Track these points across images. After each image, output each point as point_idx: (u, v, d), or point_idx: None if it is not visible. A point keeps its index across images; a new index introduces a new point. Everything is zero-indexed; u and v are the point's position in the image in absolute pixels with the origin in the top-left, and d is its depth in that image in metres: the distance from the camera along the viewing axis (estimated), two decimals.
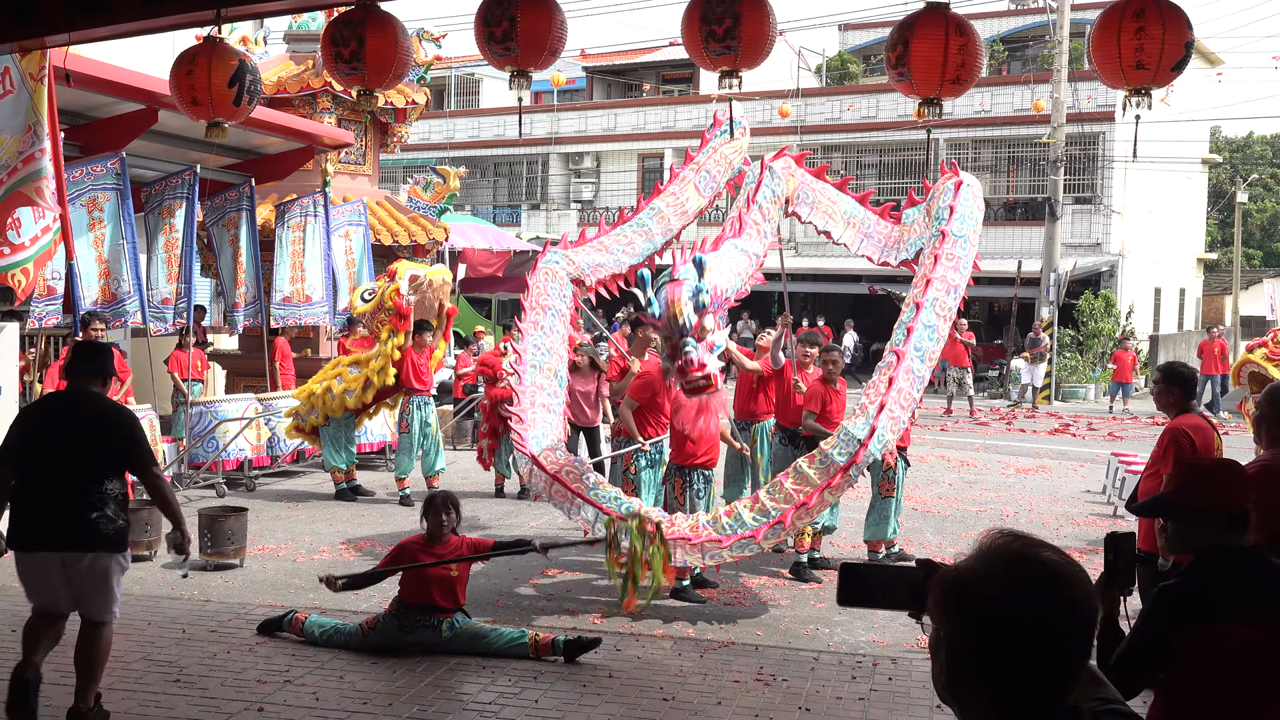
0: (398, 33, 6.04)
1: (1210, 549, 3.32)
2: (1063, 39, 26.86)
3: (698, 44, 5.61)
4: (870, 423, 7.98)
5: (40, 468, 5.73)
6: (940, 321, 8.53)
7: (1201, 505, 3.36)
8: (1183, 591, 3.32)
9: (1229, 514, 3.32)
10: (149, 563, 9.36)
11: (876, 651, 7.43)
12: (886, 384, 8.19)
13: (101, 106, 11.79)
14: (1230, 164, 48.38)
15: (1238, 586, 3.24)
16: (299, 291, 14.30)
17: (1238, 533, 3.33)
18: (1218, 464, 3.64)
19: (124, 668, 6.69)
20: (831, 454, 7.93)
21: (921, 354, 8.37)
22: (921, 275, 8.81)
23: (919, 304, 8.50)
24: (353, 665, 6.85)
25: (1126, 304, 29.45)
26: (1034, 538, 1.86)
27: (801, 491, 7.84)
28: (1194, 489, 3.41)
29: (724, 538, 7.78)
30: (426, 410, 12.39)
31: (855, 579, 2.18)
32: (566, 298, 9.17)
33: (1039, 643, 1.76)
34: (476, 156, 38.90)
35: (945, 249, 8.75)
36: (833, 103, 34.17)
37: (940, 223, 8.95)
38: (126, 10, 6.47)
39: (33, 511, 5.72)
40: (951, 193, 9.07)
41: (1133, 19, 5.18)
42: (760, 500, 7.97)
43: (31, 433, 5.84)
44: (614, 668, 6.93)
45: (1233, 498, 3.36)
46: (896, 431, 8.29)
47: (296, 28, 16.69)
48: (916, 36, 5.52)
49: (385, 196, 17.50)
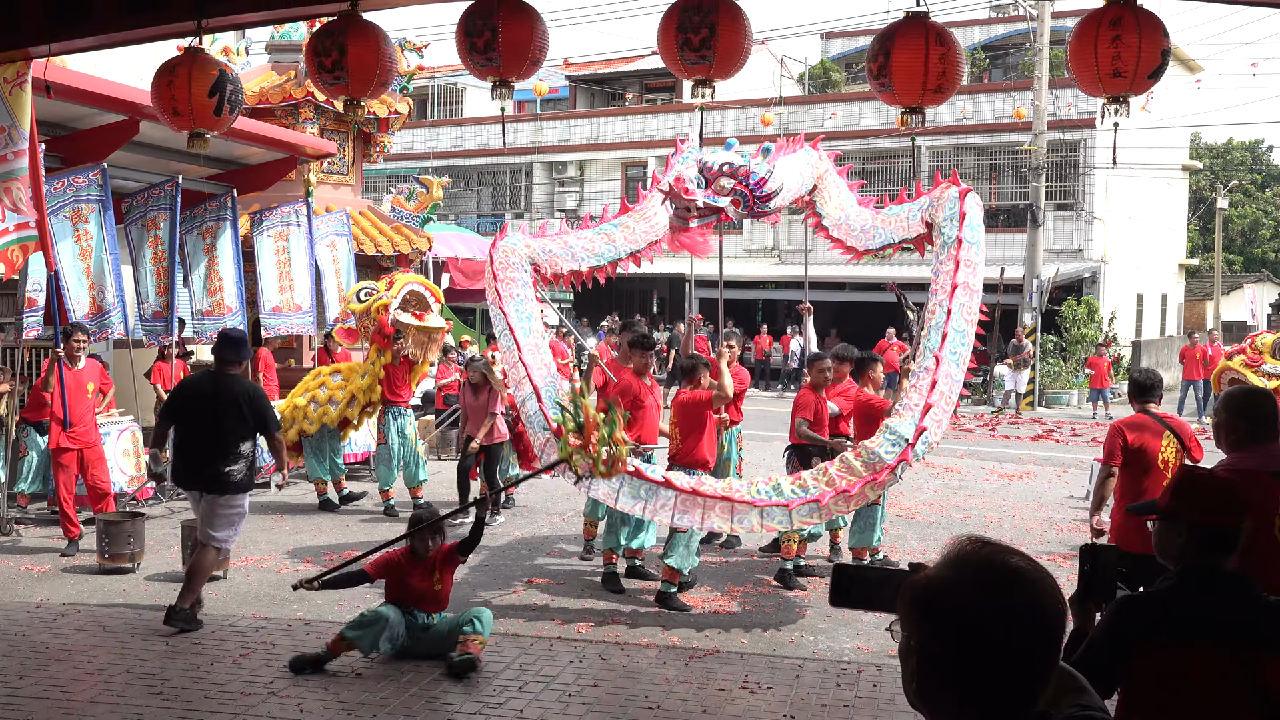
0: (380, 40, 6.05)
1: (1190, 566, 3.23)
2: (1043, 47, 27.01)
3: (673, 53, 5.63)
4: (917, 423, 8.07)
5: (193, 431, 7.91)
6: (968, 326, 8.64)
7: (1176, 509, 3.29)
8: (1144, 604, 3.24)
9: (1205, 527, 3.22)
10: (132, 574, 9.32)
11: (861, 658, 7.44)
12: (929, 386, 8.27)
13: (82, 117, 11.75)
14: (1210, 170, 48.68)
15: (1203, 606, 3.14)
16: (288, 301, 14.26)
17: (1218, 552, 3.22)
18: (1207, 475, 3.50)
19: (106, 680, 6.65)
20: (878, 450, 8.03)
21: (956, 358, 8.49)
22: (945, 281, 8.86)
23: (949, 310, 8.57)
24: (336, 677, 6.83)
25: (1109, 310, 29.59)
26: (1003, 545, 1.87)
27: (845, 478, 7.95)
28: (1173, 492, 3.36)
29: (757, 500, 7.85)
30: (403, 421, 12.39)
31: (847, 581, 2.20)
32: (528, 279, 9.08)
33: (1006, 649, 1.77)
34: (460, 166, 38.89)
35: (963, 255, 8.83)
36: (815, 110, 34.27)
37: (953, 228, 9.02)
38: (107, 21, 6.47)
39: (187, 461, 7.97)
40: (958, 200, 9.15)
41: (1109, 27, 5.22)
42: (802, 477, 8.09)
43: (184, 405, 8.03)
44: (599, 677, 6.93)
45: (1210, 512, 3.25)
46: (940, 433, 8.39)
47: (278, 38, 16.67)
48: (897, 47, 5.55)
49: (368, 206, 17.49)
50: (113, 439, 11.29)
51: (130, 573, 9.36)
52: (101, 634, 7.64)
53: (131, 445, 11.66)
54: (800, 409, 9.67)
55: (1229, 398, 4.64)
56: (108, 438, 11.03)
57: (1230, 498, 3.32)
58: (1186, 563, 3.25)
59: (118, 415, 11.82)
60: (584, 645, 7.57)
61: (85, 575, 9.33)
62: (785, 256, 33.88)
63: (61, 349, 10.23)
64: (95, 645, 7.36)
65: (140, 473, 11.64)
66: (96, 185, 11.27)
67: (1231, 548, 3.24)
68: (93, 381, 10.44)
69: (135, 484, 11.66)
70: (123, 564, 9.39)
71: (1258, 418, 4.48)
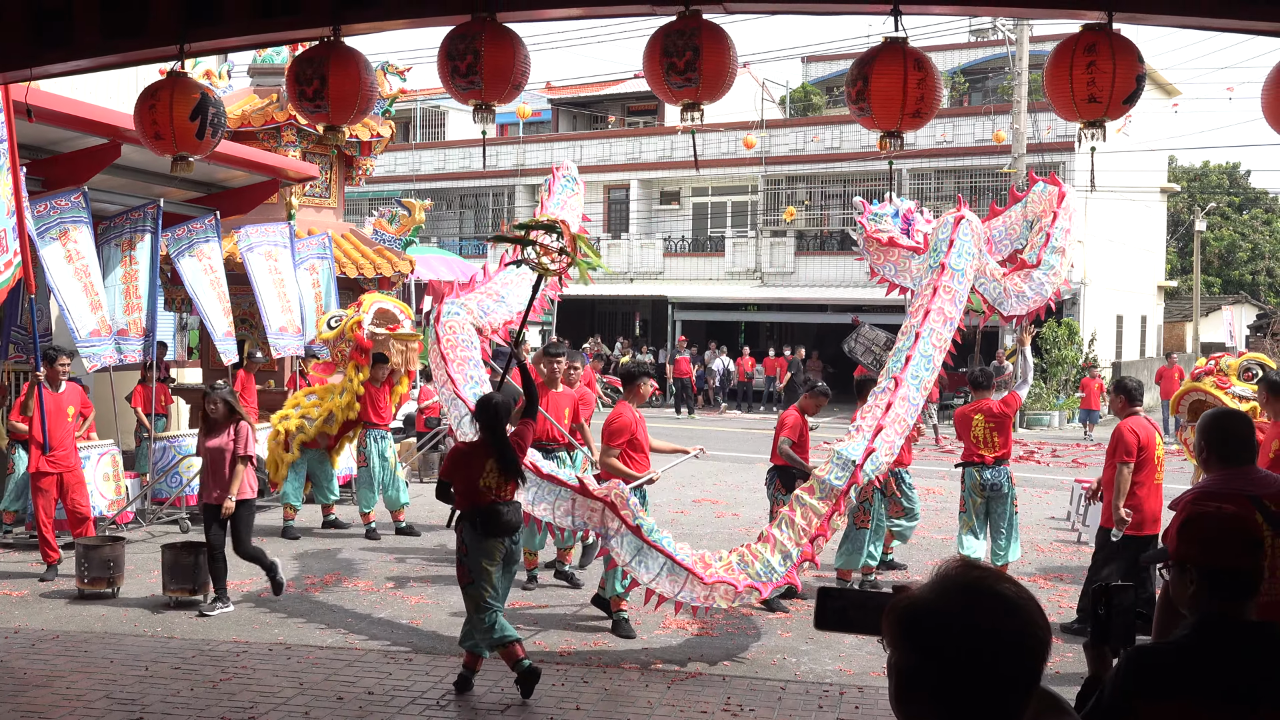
0: (360, 69, 6.06)
1: (1205, 615, 2.94)
2: (1022, 71, 27.22)
3: (659, 77, 5.66)
4: (866, 444, 8.11)
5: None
6: (936, 353, 8.69)
7: (1184, 555, 3.04)
8: (1149, 656, 2.96)
9: (1216, 571, 2.95)
10: (111, 599, 9.26)
11: (843, 680, 7.43)
12: (884, 408, 8.32)
13: (63, 141, 11.74)
14: (1188, 193, 49.01)
15: (1219, 661, 2.84)
16: (291, 322, 14.21)
17: (1235, 598, 2.94)
18: (1214, 514, 3.17)
19: (85, 706, 6.61)
20: (829, 479, 8.06)
21: (918, 382, 8.53)
22: (920, 305, 8.93)
23: (918, 333, 8.64)
24: (317, 701, 6.80)
25: (1089, 331, 29.75)
26: (991, 568, 1.90)
27: (812, 524, 7.98)
28: (1179, 535, 3.11)
29: (762, 584, 7.85)
30: (384, 444, 12.38)
31: (831, 603, 2.21)
32: (477, 353, 9.24)
33: (987, 672, 1.79)
34: (442, 189, 38.93)
35: (943, 281, 8.90)
36: (797, 134, 34.44)
37: (939, 255, 9.09)
38: (89, 45, 6.47)
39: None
40: (951, 225, 9.23)
41: (1084, 53, 5.27)
42: (778, 542, 8.00)
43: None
44: (581, 700, 6.91)
45: (1222, 555, 2.96)
46: (891, 455, 8.42)
47: (261, 61, 16.68)
48: (876, 71, 5.59)
49: (350, 229, 17.49)
50: (92, 463, 11.24)
51: (110, 598, 9.30)
52: (80, 659, 7.58)
53: (111, 469, 11.60)
54: (784, 429, 9.70)
55: (1207, 420, 4.65)
56: (87, 462, 10.97)
57: (1241, 536, 3.02)
58: (1201, 611, 2.97)
59: (97, 440, 11.76)
60: (566, 668, 7.56)
61: (64, 600, 9.27)
62: (767, 279, 33.99)
63: (43, 372, 10.19)
64: (74, 671, 7.31)
65: (119, 496, 11.57)
66: (79, 208, 11.27)
67: (1249, 592, 2.96)
68: (73, 405, 10.40)
69: (115, 508, 11.60)
70: (102, 589, 9.33)
71: (1234, 440, 4.49)
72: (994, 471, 9.89)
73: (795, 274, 33.45)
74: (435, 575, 10.37)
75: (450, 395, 8.89)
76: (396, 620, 8.82)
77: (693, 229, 36.68)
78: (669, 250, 36.08)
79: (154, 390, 12.97)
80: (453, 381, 8.86)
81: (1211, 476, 4.45)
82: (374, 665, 7.55)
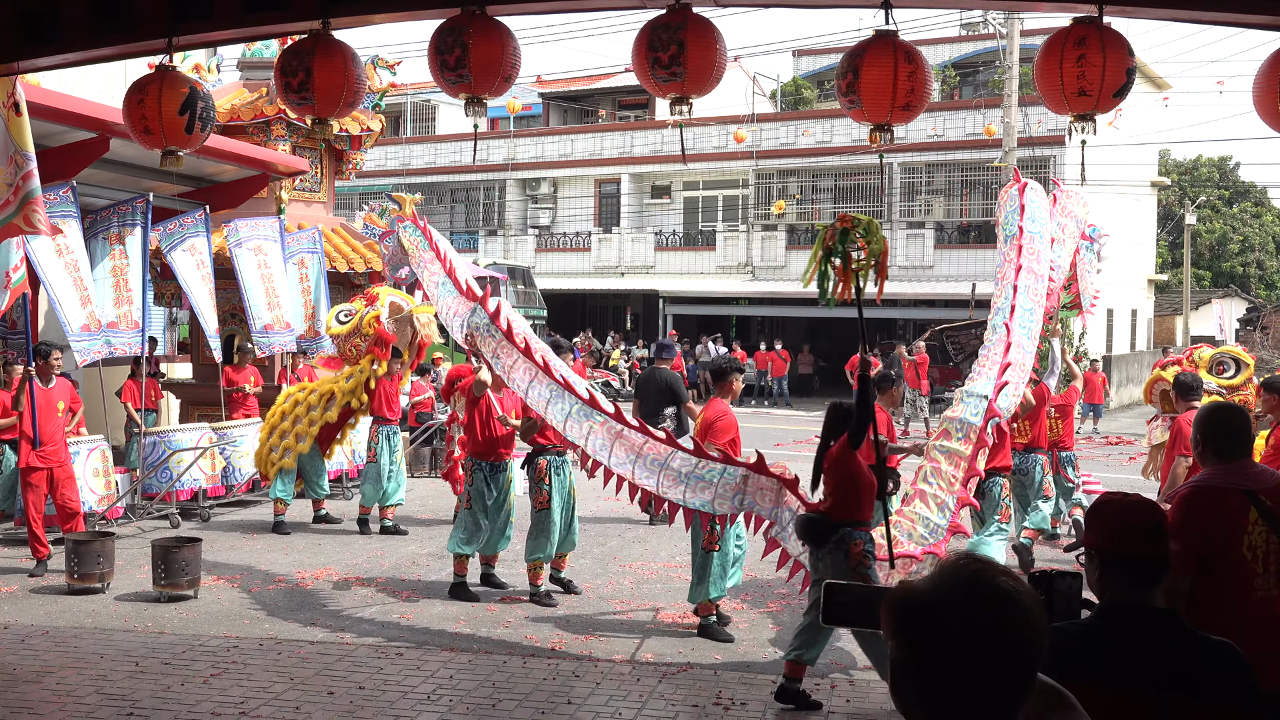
0: (347, 61, 6.04)
1: (1110, 602, 2.94)
2: (1013, 64, 27.22)
3: (645, 71, 5.65)
4: (995, 381, 8.13)
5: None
6: (1035, 307, 8.79)
7: (1087, 540, 3.05)
8: (1063, 640, 2.86)
9: (1116, 559, 2.94)
10: (101, 595, 9.25)
11: (836, 673, 7.45)
12: (1004, 349, 8.40)
13: (52, 135, 11.68)
14: (1179, 186, 49.14)
15: (1114, 646, 2.84)
16: (279, 318, 14.16)
17: (1136, 585, 2.93)
18: (1118, 501, 3.11)
19: (75, 701, 6.60)
20: (964, 416, 8.08)
21: (1026, 331, 8.64)
22: (1008, 269, 9.08)
23: (1015, 286, 8.77)
24: (308, 696, 6.79)
25: (1079, 325, 29.76)
26: (993, 562, 1.89)
27: (960, 466, 7.90)
28: (1085, 522, 3.09)
29: (933, 545, 7.53)
30: (395, 440, 12.34)
31: (840, 598, 2.21)
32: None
33: (985, 664, 1.79)
34: (433, 183, 38.89)
35: (1025, 243, 9.07)
36: (788, 128, 34.44)
37: (1014, 223, 9.26)
38: (77, 39, 6.44)
39: None
40: (1017, 194, 9.42)
41: (1074, 47, 5.28)
42: (930, 495, 7.87)
43: None
44: (573, 694, 6.91)
45: (1119, 542, 2.96)
46: (1017, 394, 8.52)
47: (250, 55, 16.63)
48: (866, 64, 5.59)
49: (341, 224, 17.44)
50: (82, 458, 11.20)
51: (100, 593, 9.28)
52: (71, 655, 7.57)
53: (101, 464, 11.57)
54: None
55: (1206, 413, 4.63)
56: (77, 457, 10.94)
57: (1145, 525, 2.98)
58: (1106, 597, 2.97)
59: (86, 435, 11.73)
60: (557, 661, 7.56)
61: (54, 596, 9.25)
62: (759, 273, 33.99)
63: (34, 366, 10.16)
64: (64, 666, 7.29)
65: (109, 492, 11.55)
66: (68, 202, 11.23)
67: (1152, 579, 2.93)
68: (63, 400, 10.37)
69: (105, 503, 11.57)
70: (92, 584, 9.31)
71: (1231, 434, 4.49)
72: (1021, 458, 10.28)
73: (786, 268, 33.45)
74: (425, 570, 10.36)
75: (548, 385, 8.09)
76: (387, 616, 8.81)
77: (684, 223, 36.69)
78: (660, 244, 36.08)
79: (144, 385, 12.95)
80: (548, 369, 8.12)
81: (1207, 470, 4.43)
82: (365, 660, 7.54)
